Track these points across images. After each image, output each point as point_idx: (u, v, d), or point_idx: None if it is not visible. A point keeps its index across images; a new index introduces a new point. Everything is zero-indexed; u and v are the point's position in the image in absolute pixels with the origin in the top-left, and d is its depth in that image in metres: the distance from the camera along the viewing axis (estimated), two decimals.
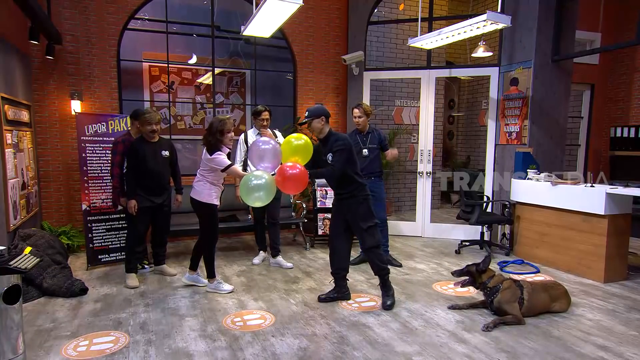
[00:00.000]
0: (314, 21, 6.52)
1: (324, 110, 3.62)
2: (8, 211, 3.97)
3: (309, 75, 6.61)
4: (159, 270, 4.56)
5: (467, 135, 9.58)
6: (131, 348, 2.94)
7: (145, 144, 4.11)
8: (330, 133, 3.61)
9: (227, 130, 3.81)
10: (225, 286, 4.03)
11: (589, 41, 7.57)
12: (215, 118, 3.88)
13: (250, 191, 3.33)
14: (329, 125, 3.64)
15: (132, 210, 4.04)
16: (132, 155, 4.08)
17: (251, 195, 3.34)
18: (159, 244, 4.53)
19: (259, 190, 3.32)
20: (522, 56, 5.44)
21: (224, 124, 3.79)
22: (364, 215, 3.58)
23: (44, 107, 5.28)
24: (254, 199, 3.36)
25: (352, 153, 3.54)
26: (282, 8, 3.68)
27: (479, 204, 5.36)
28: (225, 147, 3.86)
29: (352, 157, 3.54)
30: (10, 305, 2.49)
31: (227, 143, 3.86)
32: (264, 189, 3.32)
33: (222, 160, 3.78)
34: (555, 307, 3.52)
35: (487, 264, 3.49)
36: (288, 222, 5.79)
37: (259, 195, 3.34)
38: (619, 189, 4.20)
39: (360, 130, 4.74)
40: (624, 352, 2.91)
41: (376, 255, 3.62)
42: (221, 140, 3.80)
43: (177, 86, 6.35)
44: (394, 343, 3.02)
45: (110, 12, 5.47)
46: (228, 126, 3.81)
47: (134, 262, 4.27)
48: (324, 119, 3.58)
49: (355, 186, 3.58)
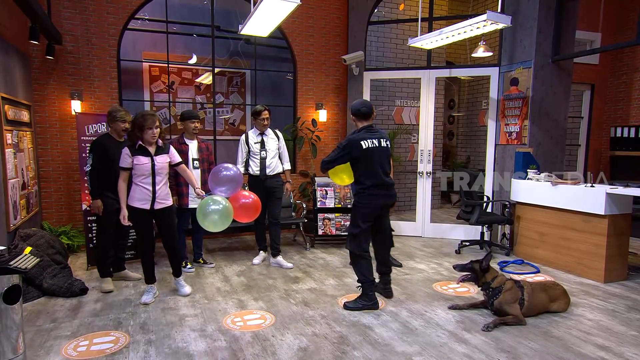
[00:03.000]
0: (314, 21, 6.52)
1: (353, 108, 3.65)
2: (8, 211, 3.97)
3: (309, 75, 6.61)
4: (121, 276, 4.32)
5: (467, 135, 9.58)
6: (131, 348, 2.94)
7: (113, 142, 4.01)
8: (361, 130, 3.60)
9: (147, 127, 3.49)
10: (145, 297, 3.76)
11: (589, 41, 7.57)
12: (140, 112, 3.62)
13: (206, 215, 3.56)
14: (361, 123, 3.62)
15: (97, 210, 3.98)
16: (99, 153, 3.93)
17: (207, 218, 3.57)
18: (120, 249, 4.31)
19: (214, 214, 3.56)
20: (522, 56, 5.44)
21: (145, 119, 3.50)
22: (350, 219, 3.71)
23: (44, 107, 5.28)
24: (209, 222, 3.58)
25: (343, 154, 3.50)
26: (280, 7, 3.67)
27: (479, 204, 5.36)
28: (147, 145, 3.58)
29: (342, 158, 3.52)
30: (10, 305, 2.49)
31: (149, 140, 3.55)
32: (219, 214, 3.56)
33: (122, 158, 3.54)
34: (554, 307, 3.53)
35: (489, 260, 3.48)
36: (288, 222, 5.79)
37: (213, 219, 3.56)
38: (619, 189, 4.20)
39: None
40: (624, 352, 2.91)
41: (351, 261, 3.70)
42: (139, 136, 3.54)
43: (177, 86, 6.36)
44: (394, 343, 3.02)
45: (110, 12, 5.47)
46: (149, 123, 3.49)
47: (108, 267, 4.11)
48: (353, 118, 3.67)
49: (355, 189, 3.64)
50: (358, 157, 3.48)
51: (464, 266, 3.54)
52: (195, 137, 4.63)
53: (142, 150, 3.58)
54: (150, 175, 3.58)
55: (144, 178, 3.57)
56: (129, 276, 4.35)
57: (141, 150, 3.58)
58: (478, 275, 3.48)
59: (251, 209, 3.85)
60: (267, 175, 4.72)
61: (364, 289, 3.62)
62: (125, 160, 3.55)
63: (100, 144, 3.97)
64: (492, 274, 3.48)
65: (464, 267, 3.54)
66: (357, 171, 3.55)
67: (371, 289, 3.61)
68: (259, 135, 4.77)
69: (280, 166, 4.86)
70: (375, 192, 3.52)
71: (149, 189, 3.59)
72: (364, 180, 3.52)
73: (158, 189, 3.63)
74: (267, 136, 4.79)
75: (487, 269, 3.47)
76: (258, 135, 4.77)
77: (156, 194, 3.63)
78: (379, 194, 3.54)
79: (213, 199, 3.61)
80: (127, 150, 3.56)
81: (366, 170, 3.51)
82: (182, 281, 3.98)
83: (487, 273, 3.47)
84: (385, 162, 3.59)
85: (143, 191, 3.58)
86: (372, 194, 3.51)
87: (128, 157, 3.54)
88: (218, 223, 3.58)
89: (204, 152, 4.64)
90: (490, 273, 3.48)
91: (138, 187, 3.58)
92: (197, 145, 4.61)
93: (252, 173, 4.76)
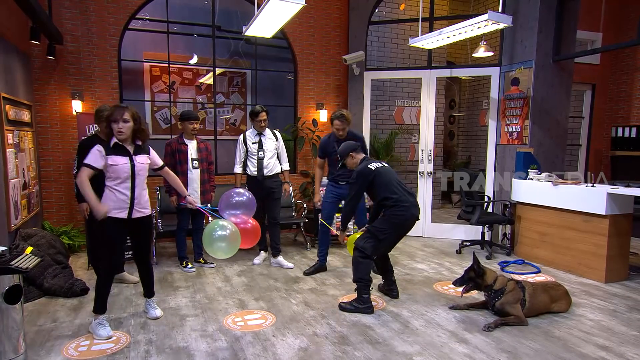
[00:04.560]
0: (314, 21, 6.52)
1: (348, 147, 3.78)
2: (9, 211, 3.98)
3: (310, 75, 6.61)
4: (119, 279, 4.18)
5: (467, 135, 9.58)
6: (132, 348, 2.94)
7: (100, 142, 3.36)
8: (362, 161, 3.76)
9: (113, 119, 3.02)
10: (102, 330, 3.07)
11: (590, 41, 7.56)
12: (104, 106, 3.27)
13: (213, 241, 3.31)
14: (361, 154, 3.82)
15: (84, 214, 3.93)
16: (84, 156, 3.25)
17: (214, 245, 3.32)
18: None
19: (222, 241, 3.30)
20: (523, 56, 5.44)
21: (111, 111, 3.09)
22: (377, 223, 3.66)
23: (45, 107, 5.29)
24: (216, 249, 3.34)
25: (360, 183, 3.61)
26: (284, 8, 3.66)
27: (479, 204, 5.36)
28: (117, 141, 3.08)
29: (361, 188, 3.64)
30: (11, 305, 2.50)
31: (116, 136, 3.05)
32: (226, 241, 3.30)
33: (92, 156, 3.01)
34: (555, 308, 3.52)
35: (477, 262, 3.45)
36: (289, 222, 5.79)
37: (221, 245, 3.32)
38: (620, 189, 4.19)
39: (337, 137, 4.49)
40: (625, 352, 2.91)
41: (354, 258, 3.59)
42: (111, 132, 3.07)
43: (178, 86, 6.36)
44: (395, 343, 3.02)
45: (111, 12, 5.47)
46: (115, 114, 3.02)
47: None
48: (351, 154, 3.77)
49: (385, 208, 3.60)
50: (372, 180, 3.58)
51: (462, 279, 3.52)
52: (195, 137, 4.63)
53: (119, 149, 3.06)
54: (130, 178, 3.06)
55: (120, 182, 3.04)
56: (126, 279, 4.25)
57: (117, 149, 3.05)
58: (477, 282, 3.46)
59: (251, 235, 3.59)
60: (264, 175, 4.72)
61: (359, 290, 3.58)
62: (96, 160, 2.97)
63: (86, 147, 3.48)
64: (491, 276, 3.47)
65: (462, 281, 3.51)
66: (378, 192, 3.59)
67: (367, 291, 3.56)
68: (257, 135, 4.77)
69: (278, 166, 4.86)
70: (406, 203, 3.52)
71: (127, 194, 3.06)
72: (391, 195, 3.53)
73: (137, 195, 3.10)
74: (265, 136, 4.79)
75: (482, 271, 3.45)
76: (256, 135, 4.77)
77: (135, 200, 3.09)
78: (411, 205, 3.56)
79: (220, 224, 3.34)
80: (101, 147, 3.01)
81: (387, 185, 3.56)
82: (153, 302, 3.47)
83: (486, 275, 3.46)
84: (398, 181, 3.66)
85: (119, 197, 3.04)
86: (404, 205, 3.52)
87: (101, 157, 2.98)
88: (227, 250, 3.35)
89: (203, 152, 4.65)
90: (490, 275, 3.47)
91: (113, 192, 3.04)
92: (197, 145, 4.62)
93: (250, 173, 4.76)
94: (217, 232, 3.29)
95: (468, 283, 3.49)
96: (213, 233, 3.30)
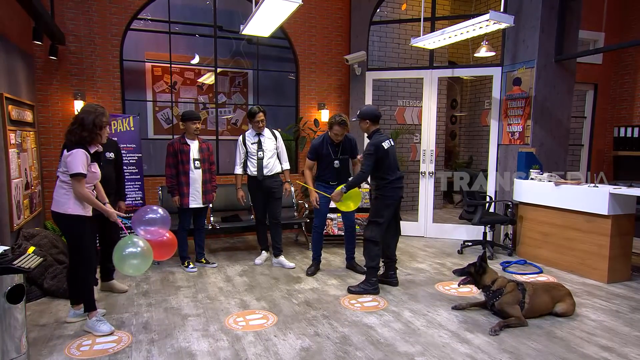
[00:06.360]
0: (316, 21, 6.52)
1: (372, 113, 4.00)
2: (12, 211, 3.99)
3: (311, 75, 6.61)
4: (107, 287, 4.05)
5: (469, 135, 9.56)
6: (134, 348, 2.94)
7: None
8: (373, 133, 4.01)
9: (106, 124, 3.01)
10: (103, 326, 3.13)
11: (592, 41, 7.54)
12: (89, 106, 3.07)
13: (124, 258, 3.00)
14: (374, 126, 4.03)
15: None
16: None
17: (125, 262, 3.01)
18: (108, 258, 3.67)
19: (134, 258, 3.00)
20: (525, 56, 5.42)
21: (105, 115, 3.04)
22: (372, 210, 4.08)
23: (47, 107, 5.30)
24: (128, 266, 3.02)
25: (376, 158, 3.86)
26: (281, 7, 3.66)
27: (481, 204, 5.35)
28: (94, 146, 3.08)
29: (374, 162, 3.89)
30: (13, 304, 2.50)
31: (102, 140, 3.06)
32: (139, 257, 3.02)
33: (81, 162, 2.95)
34: (558, 309, 3.46)
35: (481, 260, 3.46)
36: (290, 222, 5.79)
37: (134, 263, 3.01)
38: (623, 189, 4.18)
39: (332, 141, 4.43)
40: (627, 353, 2.90)
41: (366, 247, 3.98)
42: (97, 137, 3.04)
43: (179, 86, 6.37)
44: (397, 343, 3.01)
45: (113, 13, 5.48)
46: (107, 118, 3.03)
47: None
48: (369, 121, 3.99)
49: (379, 184, 3.98)
50: (381, 157, 3.88)
51: (462, 270, 3.57)
52: (197, 138, 4.64)
53: (96, 156, 3.13)
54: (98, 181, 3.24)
55: (89, 186, 3.13)
56: (115, 287, 4.05)
57: (95, 157, 3.11)
58: (475, 277, 3.48)
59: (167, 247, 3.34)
60: (264, 175, 4.72)
61: (368, 274, 3.98)
62: (85, 166, 2.98)
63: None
64: (491, 277, 3.47)
65: (462, 272, 3.56)
66: (380, 169, 3.92)
67: (375, 275, 3.98)
68: (256, 135, 4.77)
69: (278, 166, 4.86)
70: (396, 185, 3.97)
71: (94, 193, 3.21)
72: (387, 176, 3.93)
73: None
74: (264, 136, 4.78)
75: (482, 270, 3.45)
76: (255, 135, 4.77)
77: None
78: (399, 186, 4.00)
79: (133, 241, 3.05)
80: (87, 153, 3.01)
81: (389, 166, 3.93)
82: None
83: (485, 275, 3.46)
84: (396, 158, 4.06)
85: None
86: (394, 187, 3.95)
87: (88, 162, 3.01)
88: (140, 267, 3.07)
89: (205, 152, 4.66)
90: (489, 275, 3.47)
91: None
92: (199, 145, 4.62)
93: (250, 174, 4.76)
94: (128, 249, 3.02)
95: (466, 276, 3.53)
96: (124, 250, 3.02)
